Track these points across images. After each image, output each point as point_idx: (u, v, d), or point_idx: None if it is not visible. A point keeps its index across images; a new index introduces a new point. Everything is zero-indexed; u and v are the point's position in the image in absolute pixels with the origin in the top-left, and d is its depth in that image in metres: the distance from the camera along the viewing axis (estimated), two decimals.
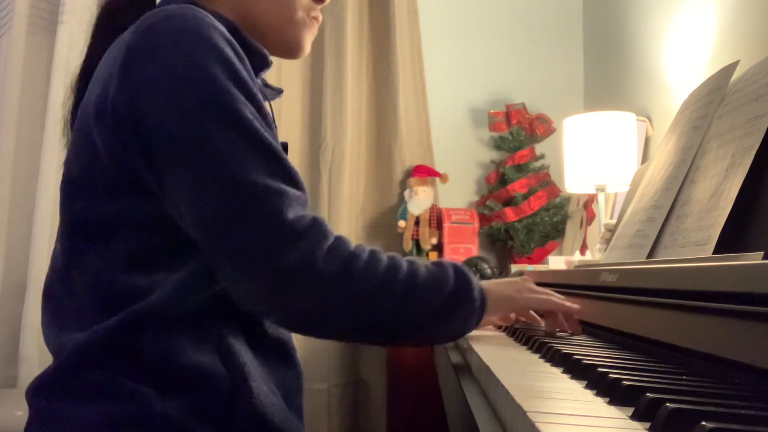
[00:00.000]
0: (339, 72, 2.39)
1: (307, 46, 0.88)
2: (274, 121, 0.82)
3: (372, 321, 0.70)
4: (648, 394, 0.44)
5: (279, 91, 0.91)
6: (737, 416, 0.40)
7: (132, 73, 0.68)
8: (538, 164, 2.49)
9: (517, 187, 2.42)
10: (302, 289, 0.66)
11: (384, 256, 0.72)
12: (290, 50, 0.87)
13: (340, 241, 0.70)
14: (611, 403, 0.47)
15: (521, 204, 2.40)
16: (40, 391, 0.71)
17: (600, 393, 0.50)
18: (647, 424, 0.41)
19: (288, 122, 2.39)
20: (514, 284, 0.85)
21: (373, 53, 2.50)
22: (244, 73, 0.71)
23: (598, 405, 0.47)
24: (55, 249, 0.78)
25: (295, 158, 2.39)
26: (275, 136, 0.73)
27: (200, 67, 0.67)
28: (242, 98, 0.69)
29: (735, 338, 0.53)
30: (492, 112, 2.55)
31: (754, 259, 0.61)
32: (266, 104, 0.76)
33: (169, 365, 0.69)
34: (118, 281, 0.70)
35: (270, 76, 2.32)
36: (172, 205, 0.69)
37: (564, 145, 1.95)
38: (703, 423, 0.36)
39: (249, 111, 0.69)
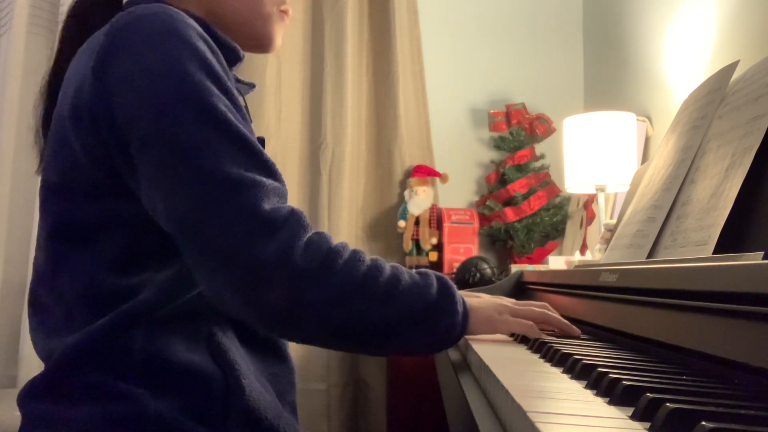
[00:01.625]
0: (339, 72, 2.39)
1: (278, 40, 0.87)
2: (249, 116, 0.82)
3: (348, 323, 0.67)
4: (648, 394, 0.44)
5: (251, 86, 0.90)
6: (737, 416, 0.40)
7: (106, 73, 0.68)
8: (538, 164, 2.49)
9: (517, 187, 2.42)
10: (278, 284, 0.64)
11: (366, 257, 0.70)
12: (261, 45, 0.87)
13: (319, 235, 0.68)
14: (611, 403, 0.47)
15: (521, 204, 2.40)
16: (31, 395, 0.71)
17: (600, 393, 0.50)
18: (647, 424, 0.41)
19: (288, 122, 2.39)
20: (497, 306, 0.82)
21: (373, 53, 2.50)
22: (218, 67, 0.70)
23: (598, 405, 0.47)
24: (36, 256, 0.77)
25: (295, 158, 2.39)
26: (251, 130, 0.72)
27: (174, 62, 0.67)
28: (216, 91, 0.68)
29: (735, 338, 0.53)
30: (492, 112, 2.55)
31: (754, 259, 0.61)
32: (240, 99, 0.76)
33: (160, 365, 0.68)
34: (105, 283, 0.70)
35: (270, 75, 2.33)
36: (148, 200, 0.69)
37: (564, 145, 1.95)
38: (703, 423, 0.36)
39: (223, 104, 0.68)
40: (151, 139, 0.66)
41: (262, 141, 0.84)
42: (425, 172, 2.40)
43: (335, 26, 2.41)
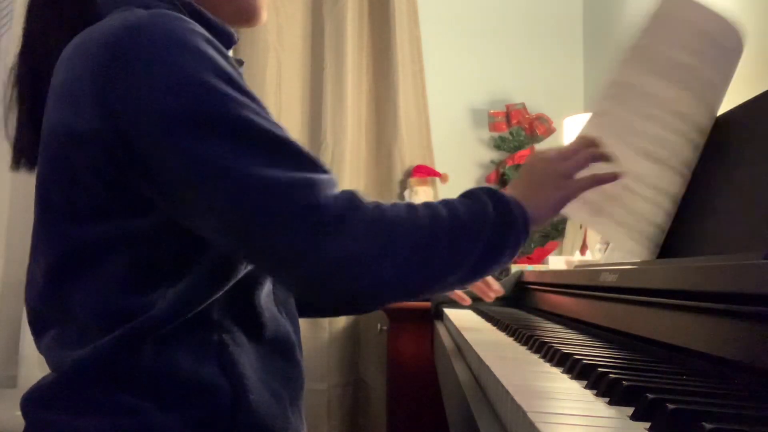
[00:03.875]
0: (339, 72, 2.39)
1: (264, 12, 0.85)
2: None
3: (428, 276, 0.69)
4: (648, 394, 0.44)
5: (240, 63, 0.87)
6: (737, 416, 0.40)
7: (113, 97, 0.64)
8: None
9: None
10: (353, 274, 0.65)
11: (420, 209, 0.69)
12: (247, 18, 0.85)
13: (378, 210, 0.67)
14: (611, 403, 0.47)
15: None
16: (36, 403, 0.70)
17: (600, 393, 0.50)
18: (647, 424, 0.41)
19: (288, 122, 2.39)
20: (544, 180, 0.79)
21: (373, 53, 2.50)
22: (230, 68, 0.67)
23: (598, 405, 0.47)
24: (33, 271, 0.74)
25: None
26: (280, 125, 0.69)
27: (186, 75, 0.64)
28: (239, 97, 0.65)
29: (735, 338, 0.53)
30: (492, 112, 2.55)
31: (754, 259, 0.61)
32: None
33: (169, 379, 0.68)
34: (118, 302, 0.68)
35: (270, 75, 2.34)
36: (191, 221, 0.67)
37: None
38: (703, 423, 0.36)
39: (249, 109, 0.66)
40: (185, 165, 0.63)
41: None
42: (425, 172, 2.40)
43: (335, 26, 2.41)
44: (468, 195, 0.73)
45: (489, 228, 0.70)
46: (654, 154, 0.94)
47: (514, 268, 2.01)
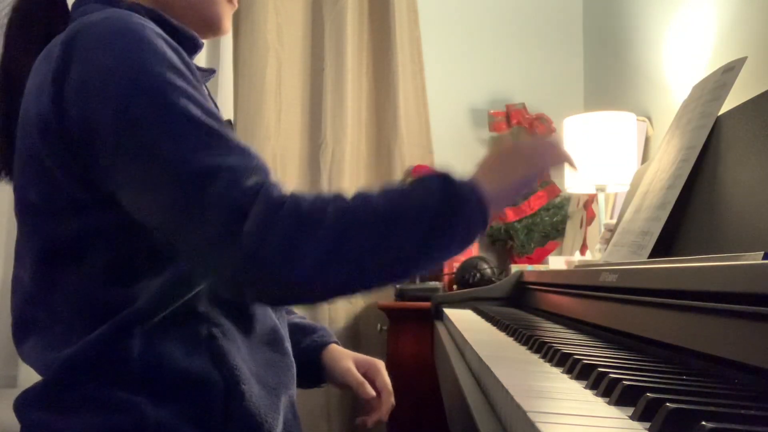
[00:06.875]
0: (339, 72, 2.39)
1: (227, 22, 0.87)
2: (215, 104, 0.81)
3: (355, 268, 0.64)
4: (648, 394, 0.44)
5: (211, 72, 0.88)
6: (737, 416, 0.40)
7: (64, 83, 0.67)
8: None
9: None
10: (270, 261, 0.61)
11: (349, 199, 0.66)
12: (211, 28, 0.86)
13: (293, 198, 0.64)
14: (611, 403, 0.47)
15: (521, 204, 2.40)
16: (29, 405, 0.71)
17: (600, 393, 0.50)
18: (647, 424, 0.41)
19: (288, 122, 2.39)
20: (507, 164, 0.74)
21: (373, 53, 2.50)
22: (177, 60, 0.69)
23: (598, 405, 0.47)
24: (18, 275, 0.75)
25: (295, 158, 2.39)
26: (220, 117, 0.69)
27: (128, 58, 0.66)
28: (178, 81, 0.66)
29: (735, 338, 0.53)
30: (492, 112, 2.55)
31: (754, 259, 0.61)
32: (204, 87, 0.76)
33: (159, 372, 0.68)
34: (101, 296, 0.69)
35: (270, 75, 2.33)
36: (131, 205, 0.67)
37: (564, 145, 1.95)
38: (703, 423, 0.36)
39: (184, 94, 0.66)
40: (116, 142, 0.64)
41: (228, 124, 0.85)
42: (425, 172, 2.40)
43: (335, 26, 2.41)
44: (416, 180, 0.69)
45: (429, 214, 0.65)
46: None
47: (514, 268, 2.01)
